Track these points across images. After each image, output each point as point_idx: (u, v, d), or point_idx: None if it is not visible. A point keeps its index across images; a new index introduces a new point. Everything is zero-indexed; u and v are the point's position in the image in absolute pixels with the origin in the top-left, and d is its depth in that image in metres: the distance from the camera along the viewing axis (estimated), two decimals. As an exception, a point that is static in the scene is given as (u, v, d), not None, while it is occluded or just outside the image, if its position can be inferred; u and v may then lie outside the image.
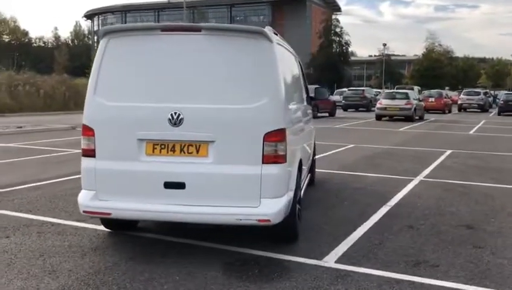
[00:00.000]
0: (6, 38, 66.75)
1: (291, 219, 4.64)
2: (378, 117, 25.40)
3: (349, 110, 35.10)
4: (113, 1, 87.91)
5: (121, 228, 5.06)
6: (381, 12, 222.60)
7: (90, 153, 4.44)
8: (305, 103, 6.54)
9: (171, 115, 4.17)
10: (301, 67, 7.28)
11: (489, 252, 4.75)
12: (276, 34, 4.87)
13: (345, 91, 39.10)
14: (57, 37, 77.35)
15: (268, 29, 4.58)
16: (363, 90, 37.00)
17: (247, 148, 4.18)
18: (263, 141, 4.15)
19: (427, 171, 9.41)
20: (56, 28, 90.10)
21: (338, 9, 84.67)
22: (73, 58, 66.49)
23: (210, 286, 3.79)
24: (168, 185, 4.23)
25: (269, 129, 4.15)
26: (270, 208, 4.16)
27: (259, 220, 4.14)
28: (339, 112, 31.83)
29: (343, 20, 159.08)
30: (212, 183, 4.23)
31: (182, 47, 4.36)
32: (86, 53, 69.10)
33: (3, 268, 4.09)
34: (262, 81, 4.23)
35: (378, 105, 26.03)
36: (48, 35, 76.97)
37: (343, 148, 13.22)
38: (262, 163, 4.17)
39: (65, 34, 79.91)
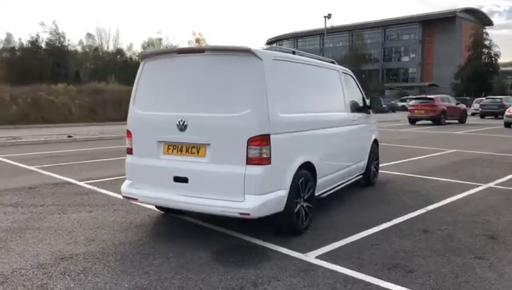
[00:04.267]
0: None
1: (288, 215, 4.62)
2: (507, 124, 22.51)
3: (486, 117, 31.88)
4: (287, 30, 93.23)
5: (166, 211, 5.64)
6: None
7: (129, 151, 4.99)
8: (348, 111, 6.41)
9: (178, 121, 4.48)
10: (354, 79, 7.06)
11: (486, 265, 4.05)
12: (291, 52, 5.01)
13: (483, 100, 36.13)
14: None
15: (270, 48, 4.73)
16: (501, 98, 33.34)
17: (235, 150, 4.25)
18: (247, 145, 4.21)
19: (503, 179, 8.14)
20: None
21: (489, 23, 78.82)
22: None
23: (189, 265, 3.94)
24: (176, 179, 4.52)
25: (252, 134, 4.20)
26: (251, 203, 4.18)
27: (240, 213, 4.20)
28: (472, 119, 29.16)
29: (502, 33, 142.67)
30: (208, 179, 4.39)
31: (189, 65, 4.63)
32: None
33: (63, 234, 4.84)
34: (248, 94, 4.28)
35: (506, 113, 23.20)
36: None
37: (441, 153, 12.08)
38: (247, 164, 4.23)
39: None
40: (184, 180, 4.50)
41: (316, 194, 5.36)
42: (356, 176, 6.96)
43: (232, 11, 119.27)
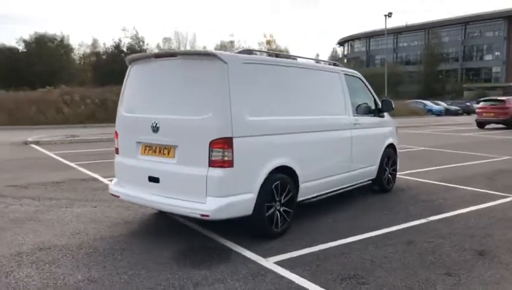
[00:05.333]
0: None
1: (258, 219, 4.58)
2: None
3: None
4: (359, 29, 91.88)
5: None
6: None
7: (117, 151, 5.30)
8: (349, 115, 6.16)
9: (152, 123, 4.64)
10: (363, 81, 6.81)
11: (452, 282, 3.71)
12: (274, 55, 4.92)
13: None
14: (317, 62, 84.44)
15: (244, 51, 4.78)
16: None
17: (199, 152, 4.31)
18: (209, 147, 4.26)
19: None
20: (317, 55, 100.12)
21: None
22: None
23: (148, 263, 4.08)
24: (150, 179, 4.68)
25: (214, 137, 4.23)
26: (211, 205, 4.23)
27: (201, 215, 4.27)
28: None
29: None
30: (176, 180, 4.50)
31: (164, 69, 4.78)
32: None
33: (57, 225, 5.22)
34: (212, 97, 4.32)
35: None
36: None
37: (491, 160, 11.14)
38: (209, 166, 4.28)
39: (325, 58, 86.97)
40: (156, 180, 4.67)
41: (301, 198, 5.28)
42: (364, 182, 6.71)
43: (304, 11, 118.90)
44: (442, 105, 45.46)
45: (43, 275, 3.84)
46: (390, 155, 7.27)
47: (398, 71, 71.49)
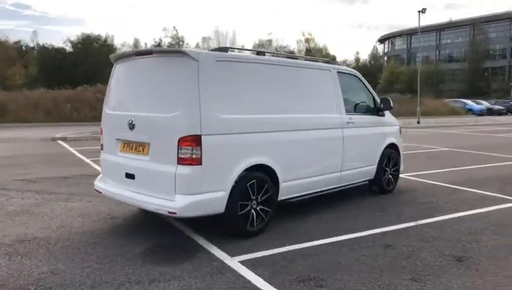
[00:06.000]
0: (321, 64, 76.05)
1: (231, 217, 4.57)
2: None
3: None
4: (401, 26, 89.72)
5: None
6: None
7: (102, 147, 5.46)
8: (341, 113, 5.99)
9: (128, 121, 4.73)
10: (360, 80, 6.63)
11: (416, 287, 3.52)
12: (255, 52, 4.90)
13: None
14: (357, 60, 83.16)
15: (220, 48, 4.78)
16: None
17: (169, 150, 4.33)
18: (178, 145, 4.27)
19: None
20: (357, 52, 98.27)
21: None
22: (366, 75, 68.15)
23: (116, 257, 4.16)
24: (127, 175, 4.77)
25: (182, 135, 4.24)
26: (179, 203, 4.24)
27: (169, 212, 4.29)
28: None
29: None
30: (148, 176, 4.55)
31: (142, 67, 4.85)
32: (378, 71, 71.42)
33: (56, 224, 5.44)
34: (181, 94, 4.34)
35: None
36: (350, 58, 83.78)
37: (514, 161, 10.71)
38: (178, 164, 4.30)
39: (364, 56, 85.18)
40: (132, 177, 4.75)
41: (283, 198, 5.22)
42: (360, 182, 6.55)
43: (344, 8, 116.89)
44: (484, 104, 43.50)
45: (12, 267, 3.99)
46: (391, 156, 7.04)
47: (440, 69, 69.14)
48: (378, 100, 6.81)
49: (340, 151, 5.96)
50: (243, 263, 4.09)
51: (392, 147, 7.10)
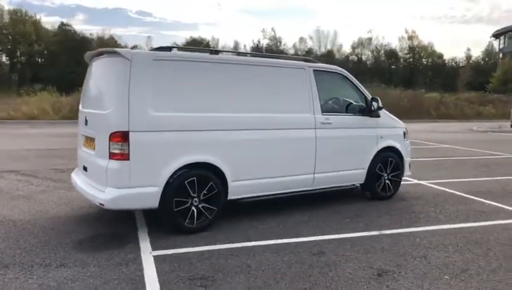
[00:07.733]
0: (424, 61, 72.05)
1: (166, 212, 4.70)
2: None
3: None
4: None
5: None
6: None
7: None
8: (315, 113, 5.70)
9: (84, 117, 5.14)
10: (348, 78, 6.26)
11: None
12: (209, 52, 5.10)
13: None
14: (468, 57, 77.30)
15: (162, 48, 4.90)
16: None
17: (104, 145, 4.55)
18: (109, 140, 4.49)
19: None
20: (468, 49, 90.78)
21: None
22: (479, 74, 63.39)
23: (51, 241, 4.50)
24: (83, 168, 5.16)
25: (112, 131, 4.45)
26: (107, 195, 4.46)
27: (99, 203, 4.53)
28: None
29: None
30: (94, 170, 4.84)
31: (97, 67, 5.22)
32: (492, 69, 65.47)
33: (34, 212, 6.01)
34: (113, 92, 4.58)
35: None
36: (460, 56, 77.80)
37: None
38: (109, 158, 4.50)
39: (477, 53, 78.55)
40: (86, 169, 5.09)
41: (234, 197, 5.17)
42: (345, 186, 6.18)
43: (453, 1, 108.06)
44: None
45: (-31, 243, 4.54)
46: (389, 159, 6.51)
47: None
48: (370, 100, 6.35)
49: (311, 152, 5.69)
50: (156, 257, 4.17)
51: (391, 150, 6.57)
